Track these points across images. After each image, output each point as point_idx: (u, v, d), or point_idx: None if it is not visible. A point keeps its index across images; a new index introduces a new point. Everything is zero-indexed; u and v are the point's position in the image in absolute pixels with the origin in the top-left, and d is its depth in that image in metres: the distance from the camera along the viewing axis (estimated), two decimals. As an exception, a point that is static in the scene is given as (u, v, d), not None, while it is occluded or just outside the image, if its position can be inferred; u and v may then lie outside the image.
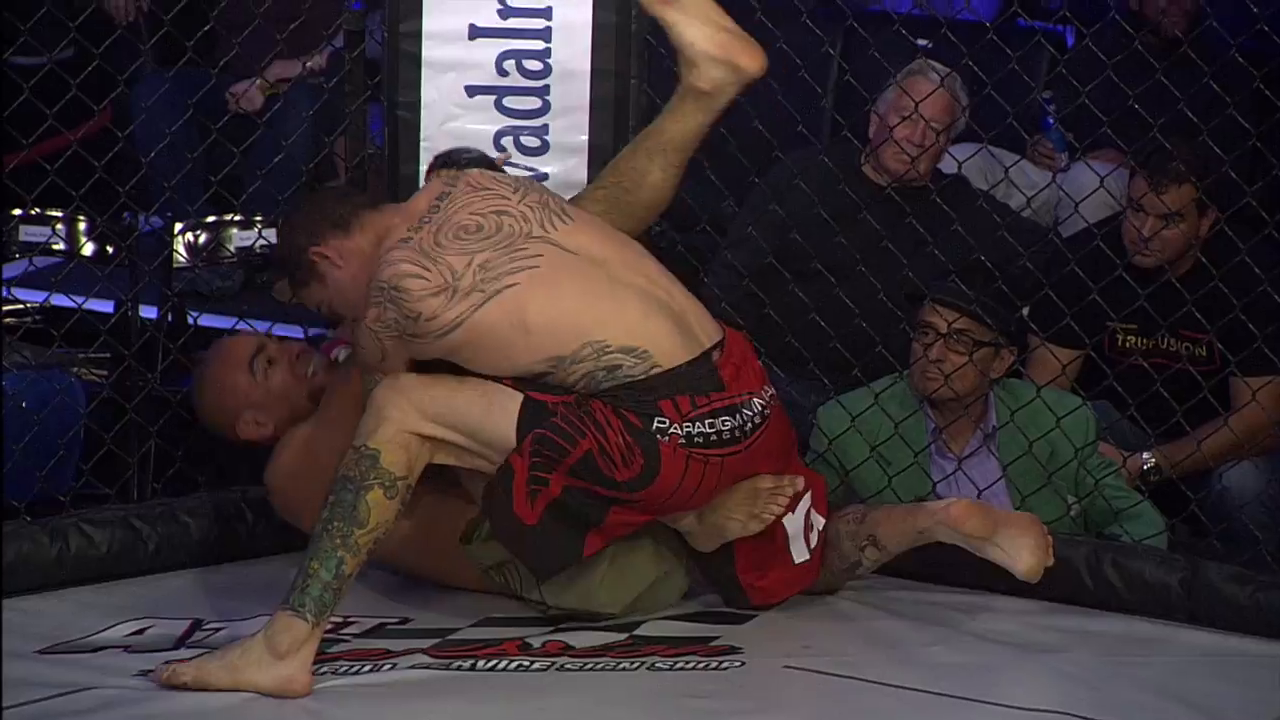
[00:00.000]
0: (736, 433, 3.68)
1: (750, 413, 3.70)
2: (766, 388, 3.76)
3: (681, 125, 3.93)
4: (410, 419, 3.59)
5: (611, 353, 3.62)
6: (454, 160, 3.98)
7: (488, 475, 3.71)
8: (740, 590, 3.95)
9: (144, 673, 3.63)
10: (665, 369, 3.63)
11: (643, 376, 3.62)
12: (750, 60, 3.88)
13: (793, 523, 3.89)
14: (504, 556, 3.87)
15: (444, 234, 3.66)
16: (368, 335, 3.69)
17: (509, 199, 3.74)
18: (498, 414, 3.61)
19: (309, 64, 5.64)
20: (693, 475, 3.65)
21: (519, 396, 3.61)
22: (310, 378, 4.09)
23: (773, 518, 3.83)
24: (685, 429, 3.62)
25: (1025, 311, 4.81)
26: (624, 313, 3.65)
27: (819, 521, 3.95)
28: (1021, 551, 3.85)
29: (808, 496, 3.90)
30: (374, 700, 3.53)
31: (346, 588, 3.54)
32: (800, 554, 3.93)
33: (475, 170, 3.85)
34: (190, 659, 3.57)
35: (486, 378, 3.64)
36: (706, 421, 3.64)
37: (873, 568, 4.04)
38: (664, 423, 3.61)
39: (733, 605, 3.98)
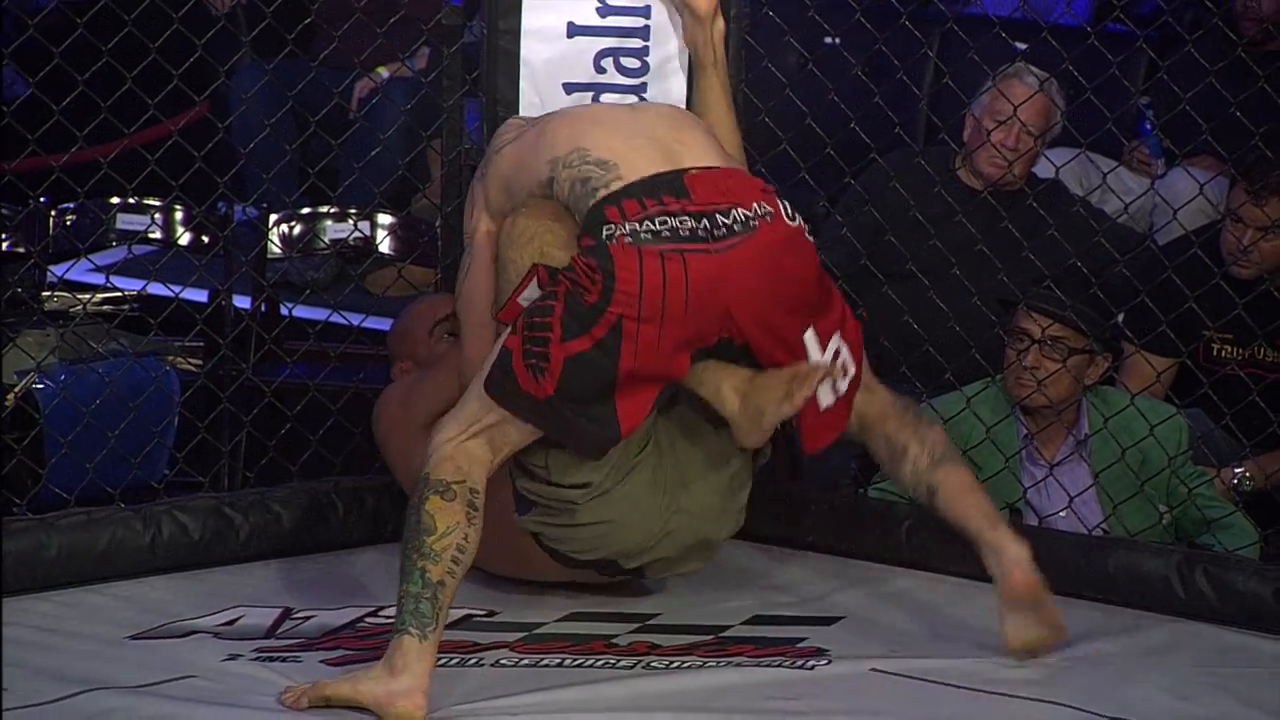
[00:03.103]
0: (701, 233, 3.57)
1: (726, 219, 3.59)
2: (762, 204, 3.64)
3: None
4: (449, 432, 3.61)
5: (590, 161, 3.68)
6: None
7: None
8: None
9: (232, 657, 3.68)
10: (625, 182, 3.63)
11: (604, 192, 3.63)
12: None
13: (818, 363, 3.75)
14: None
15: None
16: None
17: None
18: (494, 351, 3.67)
19: (409, 63, 5.65)
20: (652, 272, 3.53)
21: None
22: None
23: (804, 400, 3.65)
24: (629, 226, 3.57)
25: (1120, 318, 4.77)
26: (613, 134, 3.73)
27: (851, 367, 3.79)
28: (1027, 633, 3.77)
29: (837, 336, 3.75)
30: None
31: (444, 595, 3.49)
32: (825, 398, 3.77)
33: None
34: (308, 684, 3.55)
35: None
36: (657, 220, 3.58)
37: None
38: (610, 227, 3.58)
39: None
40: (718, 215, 3.59)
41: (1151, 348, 4.79)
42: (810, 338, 3.69)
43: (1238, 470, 4.78)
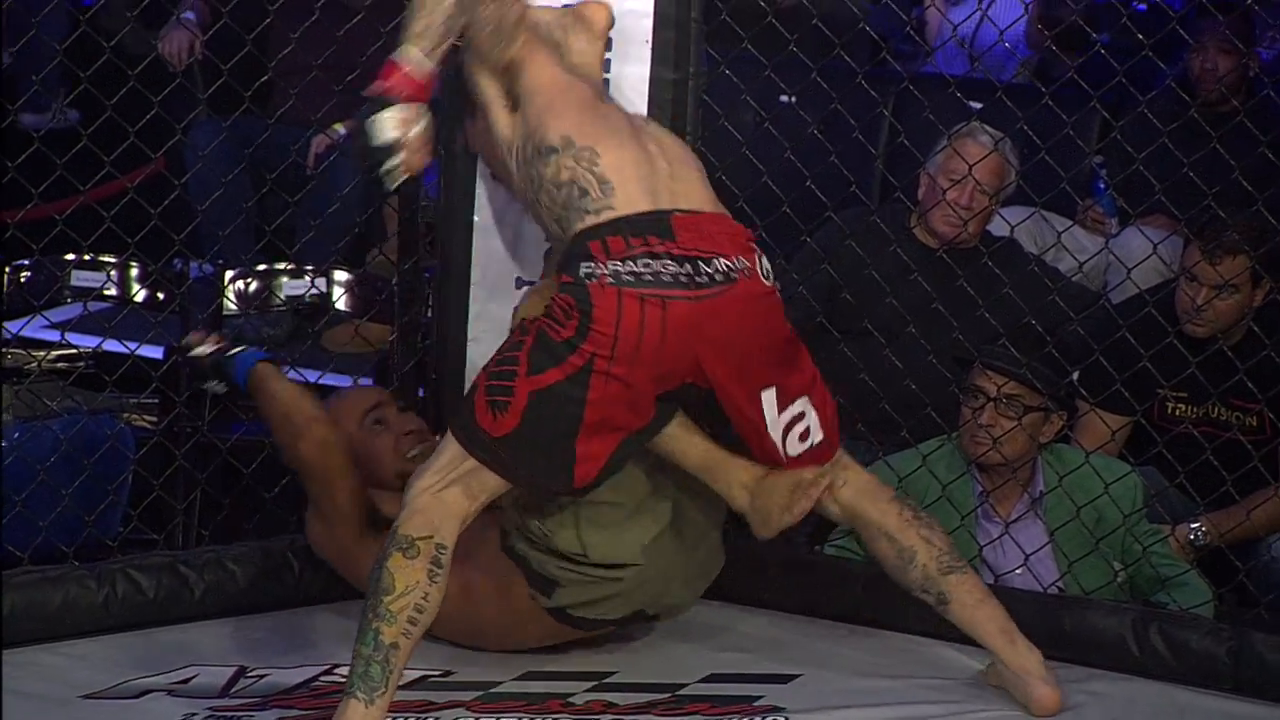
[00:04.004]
0: (683, 279, 3.55)
1: (708, 268, 3.58)
2: (741, 258, 3.63)
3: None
4: (426, 481, 3.61)
5: (594, 173, 3.61)
6: None
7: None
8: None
9: (187, 716, 3.68)
10: (616, 215, 3.59)
11: (593, 220, 3.58)
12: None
13: (774, 428, 3.77)
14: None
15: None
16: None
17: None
18: None
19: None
20: (630, 315, 3.53)
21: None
22: (406, 459, 4.10)
23: (804, 511, 3.77)
24: (612, 266, 3.54)
25: (1075, 376, 4.79)
26: (621, 149, 3.65)
27: (817, 436, 3.81)
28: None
29: (804, 400, 3.77)
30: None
31: (396, 658, 3.50)
32: (794, 449, 3.79)
33: None
34: None
35: None
36: (641, 261, 3.55)
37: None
38: (590, 265, 3.54)
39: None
40: (700, 262, 3.58)
41: (1106, 406, 4.83)
42: (769, 396, 3.71)
43: (1193, 526, 4.79)
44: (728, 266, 3.60)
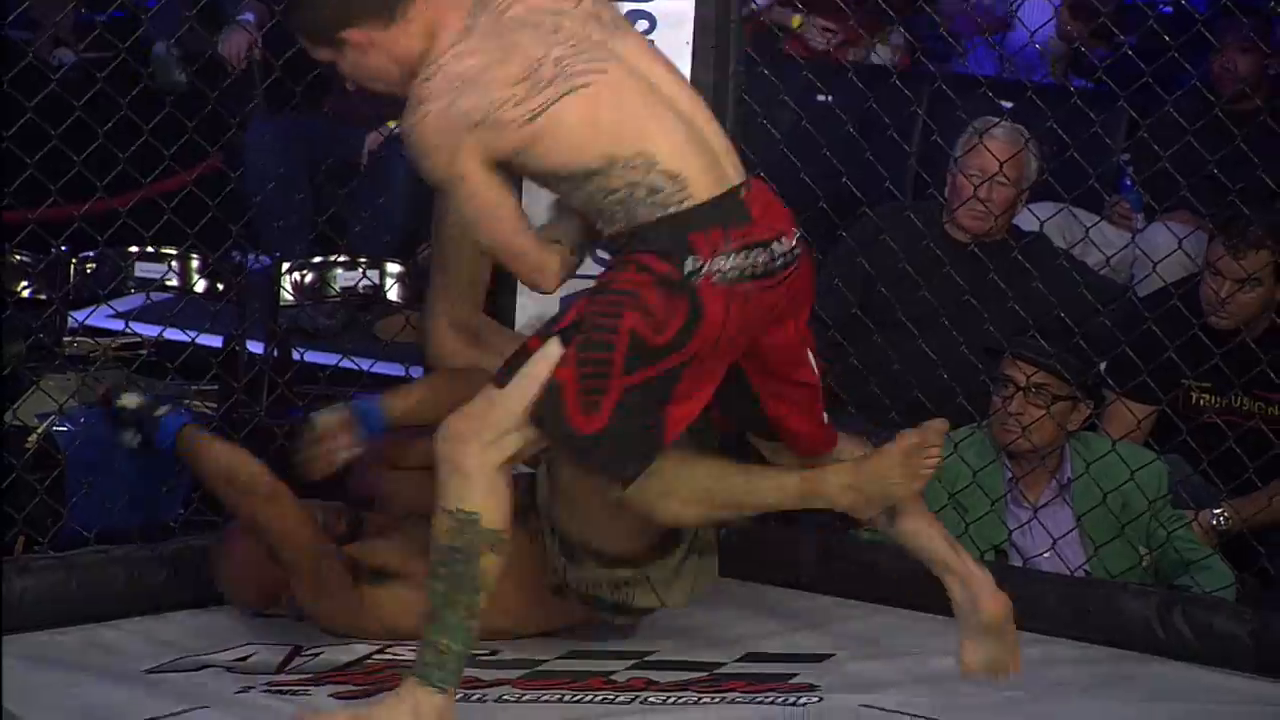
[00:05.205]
0: (769, 267, 3.46)
1: (781, 249, 3.47)
2: (795, 229, 3.52)
3: None
4: (487, 456, 3.43)
5: (658, 171, 3.40)
6: None
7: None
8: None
9: (245, 689, 3.75)
10: (698, 201, 3.42)
11: (675, 209, 3.40)
12: None
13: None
14: (613, 577, 3.96)
15: (506, 23, 3.45)
16: (433, 137, 3.39)
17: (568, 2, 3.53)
18: (543, 368, 3.44)
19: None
20: (734, 313, 3.42)
21: (554, 340, 3.44)
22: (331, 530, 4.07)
23: (930, 473, 3.66)
24: (719, 263, 3.40)
25: (1102, 367, 4.85)
26: (672, 135, 3.44)
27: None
28: (984, 655, 3.71)
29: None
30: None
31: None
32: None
33: None
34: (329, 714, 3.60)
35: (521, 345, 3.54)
36: (737, 254, 3.41)
37: None
38: (699, 262, 3.39)
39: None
40: (774, 245, 3.48)
41: (1132, 396, 4.88)
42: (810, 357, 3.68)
43: (1216, 512, 4.84)
44: (790, 247, 3.50)
